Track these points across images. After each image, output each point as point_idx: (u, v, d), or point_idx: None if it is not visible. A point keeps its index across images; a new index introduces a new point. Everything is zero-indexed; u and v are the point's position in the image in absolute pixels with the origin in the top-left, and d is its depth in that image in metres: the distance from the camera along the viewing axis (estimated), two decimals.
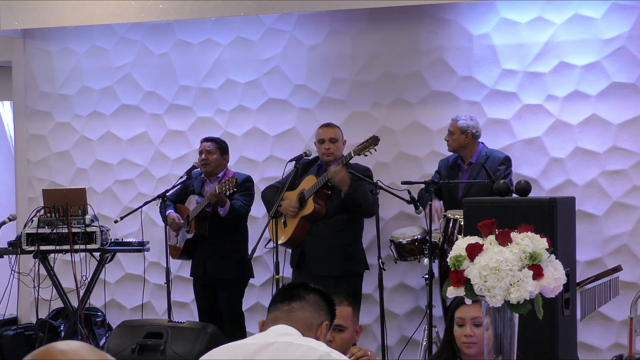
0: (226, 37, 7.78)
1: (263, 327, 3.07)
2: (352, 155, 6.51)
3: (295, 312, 3.06)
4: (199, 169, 7.08)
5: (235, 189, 6.72)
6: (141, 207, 7.05)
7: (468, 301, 3.22)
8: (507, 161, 6.70)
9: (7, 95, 8.71)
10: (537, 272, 3.10)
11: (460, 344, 3.97)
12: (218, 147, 7.05)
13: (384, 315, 6.43)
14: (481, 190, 6.43)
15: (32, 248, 6.90)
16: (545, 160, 7.04)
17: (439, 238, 6.40)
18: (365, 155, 6.53)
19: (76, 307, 6.97)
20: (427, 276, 6.29)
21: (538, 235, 3.18)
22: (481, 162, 6.62)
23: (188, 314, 7.73)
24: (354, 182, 6.53)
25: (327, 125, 6.81)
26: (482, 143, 6.82)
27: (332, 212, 6.64)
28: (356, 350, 4.09)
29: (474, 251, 3.15)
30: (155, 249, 7.64)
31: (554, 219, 4.99)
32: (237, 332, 7.01)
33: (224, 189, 6.65)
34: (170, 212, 7.04)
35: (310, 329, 3.04)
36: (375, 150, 6.54)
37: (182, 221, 7.00)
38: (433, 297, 6.32)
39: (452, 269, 3.21)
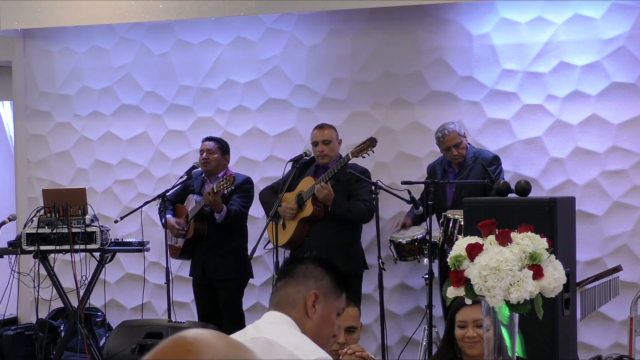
0: (226, 37, 7.78)
1: None
2: (350, 157, 6.50)
3: (278, 293, 3.00)
4: (199, 169, 7.08)
5: (232, 187, 6.72)
6: (141, 207, 7.05)
7: (468, 301, 3.22)
8: (496, 161, 6.67)
9: (7, 95, 8.70)
10: (537, 272, 3.10)
11: (462, 344, 3.96)
12: (219, 147, 7.05)
13: (384, 315, 6.43)
14: (473, 192, 6.41)
15: (32, 248, 6.89)
16: (545, 160, 7.04)
17: (439, 238, 6.40)
18: (363, 157, 6.53)
19: (76, 307, 6.97)
20: (427, 276, 6.29)
21: (538, 235, 3.18)
22: (469, 163, 6.61)
23: (188, 314, 7.72)
24: (338, 198, 6.52)
25: (320, 127, 6.81)
26: (469, 144, 6.81)
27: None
28: (355, 346, 4.07)
29: (474, 251, 3.15)
30: (155, 249, 7.63)
31: (554, 219, 4.99)
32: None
33: (221, 187, 6.64)
34: (169, 217, 7.02)
35: (294, 306, 2.95)
36: (373, 152, 6.54)
37: (181, 227, 6.98)
38: (433, 297, 6.32)
39: (452, 269, 3.21)
